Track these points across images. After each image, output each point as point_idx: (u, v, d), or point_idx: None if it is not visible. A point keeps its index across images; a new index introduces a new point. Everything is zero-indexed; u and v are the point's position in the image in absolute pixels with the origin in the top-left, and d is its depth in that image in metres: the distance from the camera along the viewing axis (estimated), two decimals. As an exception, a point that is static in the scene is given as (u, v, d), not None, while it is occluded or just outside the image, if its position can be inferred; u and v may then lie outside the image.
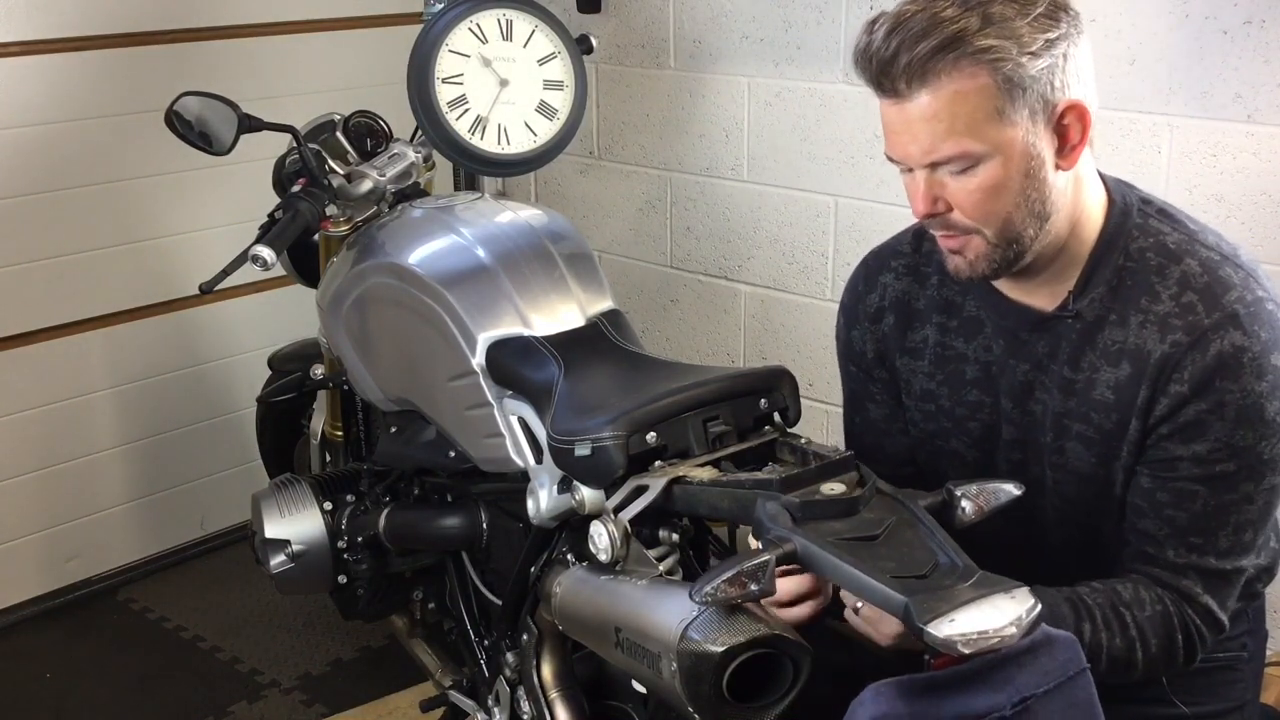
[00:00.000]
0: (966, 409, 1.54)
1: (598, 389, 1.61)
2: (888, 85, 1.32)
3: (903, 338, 1.58)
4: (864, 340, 1.62)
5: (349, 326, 2.09)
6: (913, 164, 1.36)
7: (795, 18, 2.85)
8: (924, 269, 1.57)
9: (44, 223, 2.81)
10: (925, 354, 1.57)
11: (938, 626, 1.07)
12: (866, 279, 1.63)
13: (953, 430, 1.56)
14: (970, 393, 1.54)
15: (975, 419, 1.54)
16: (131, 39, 2.84)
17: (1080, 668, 1.16)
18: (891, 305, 1.59)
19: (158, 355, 3.07)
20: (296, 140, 2.13)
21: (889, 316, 1.59)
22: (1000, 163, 1.32)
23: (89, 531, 3.03)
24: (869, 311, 1.61)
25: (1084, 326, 1.43)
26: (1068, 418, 1.45)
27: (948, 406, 1.56)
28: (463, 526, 1.97)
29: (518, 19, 2.28)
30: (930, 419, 1.58)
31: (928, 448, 1.60)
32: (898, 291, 1.59)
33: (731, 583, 1.17)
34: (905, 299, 1.58)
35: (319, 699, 2.63)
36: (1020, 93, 1.29)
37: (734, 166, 3.07)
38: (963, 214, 1.36)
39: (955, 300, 1.54)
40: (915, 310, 1.57)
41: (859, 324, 1.63)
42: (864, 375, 1.65)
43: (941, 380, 1.56)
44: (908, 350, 1.58)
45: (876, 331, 1.61)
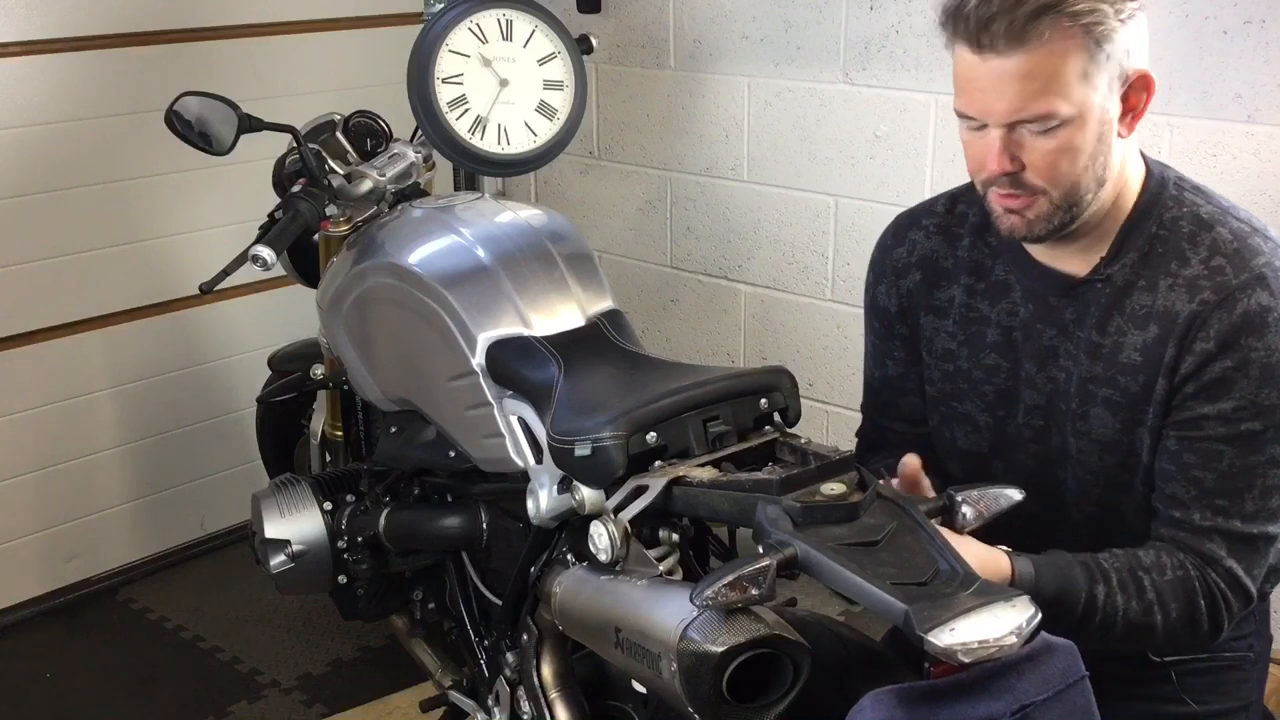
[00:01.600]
0: (984, 371, 1.55)
1: (598, 389, 1.61)
2: (985, 42, 1.32)
3: (929, 295, 1.60)
4: (889, 295, 1.63)
5: (349, 326, 2.09)
6: (993, 121, 1.36)
7: (795, 18, 2.85)
8: (955, 229, 1.58)
9: (44, 223, 2.81)
10: (950, 313, 1.58)
11: (938, 635, 1.07)
12: (896, 234, 1.64)
13: (968, 392, 1.57)
14: (989, 355, 1.55)
15: (991, 382, 1.55)
16: (131, 39, 2.84)
17: (1079, 675, 1.16)
18: (919, 262, 1.60)
19: (158, 355, 3.07)
20: (296, 140, 2.13)
21: (915, 273, 1.61)
22: (1079, 125, 1.34)
23: (89, 531, 3.03)
24: (896, 266, 1.62)
25: (1113, 291, 1.44)
26: (1094, 383, 1.46)
27: (965, 368, 1.57)
28: (463, 526, 1.97)
29: (518, 19, 2.28)
30: (947, 379, 1.59)
31: (941, 409, 1.61)
32: (926, 249, 1.60)
33: (732, 586, 1.18)
34: (933, 257, 1.59)
35: (319, 699, 2.63)
36: (1105, 57, 1.32)
37: (734, 166, 3.07)
38: (1035, 174, 1.37)
39: (985, 263, 1.55)
40: (943, 269, 1.59)
41: (885, 279, 1.64)
42: (885, 330, 1.66)
43: (963, 341, 1.57)
44: (933, 308, 1.59)
45: (901, 287, 1.62)
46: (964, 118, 1.40)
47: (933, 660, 1.09)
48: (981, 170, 1.41)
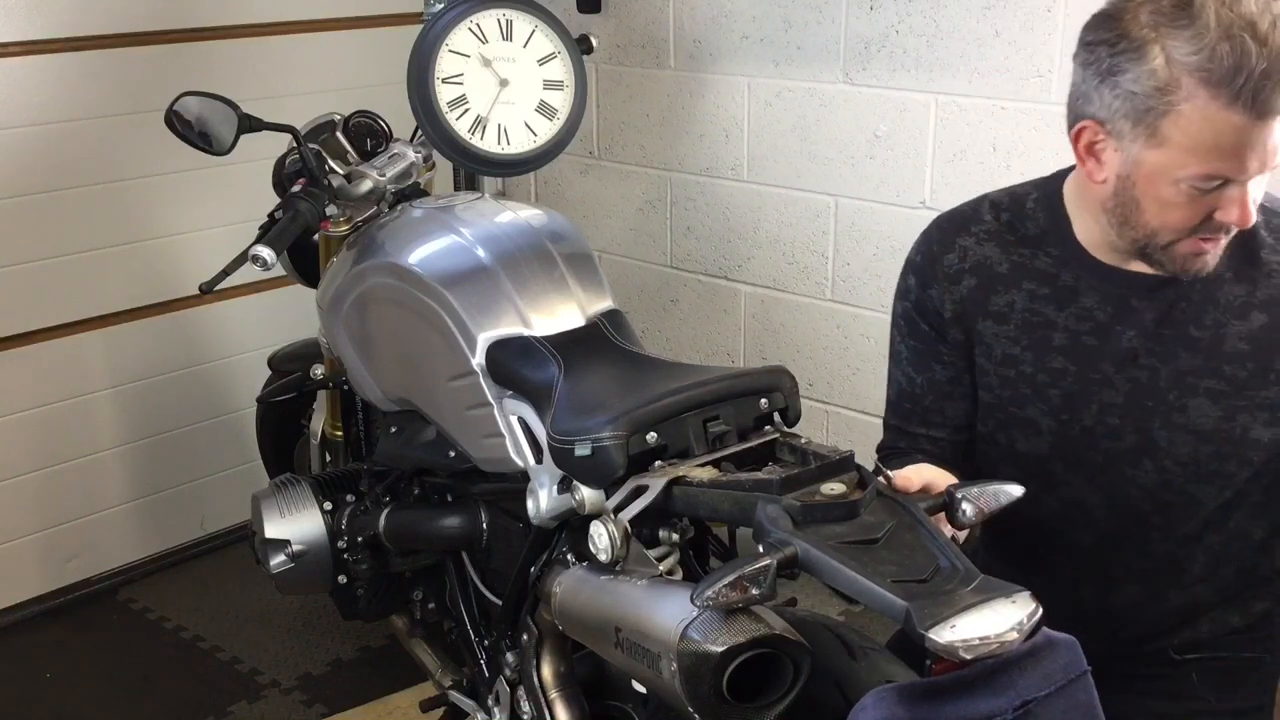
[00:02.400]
0: (1049, 376, 1.55)
1: (598, 389, 1.61)
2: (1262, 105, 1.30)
3: (986, 301, 1.58)
4: (941, 299, 1.61)
5: (349, 326, 2.09)
6: (1247, 177, 1.35)
7: (795, 18, 2.85)
8: (1007, 237, 1.58)
9: (44, 223, 2.81)
10: (1011, 319, 1.57)
11: (939, 632, 1.07)
12: (942, 240, 1.62)
13: (1031, 397, 1.56)
14: (1055, 359, 1.54)
15: (1057, 386, 1.54)
16: (131, 39, 2.84)
17: (1081, 670, 1.16)
18: (973, 268, 1.59)
19: (158, 355, 3.07)
20: (296, 140, 2.13)
21: (969, 279, 1.59)
22: None
23: (89, 531, 3.03)
24: (947, 272, 1.61)
25: (1203, 285, 1.46)
26: (1193, 375, 1.47)
27: (1029, 372, 1.56)
28: (463, 526, 1.97)
29: (518, 19, 2.28)
30: (1008, 384, 1.58)
31: (999, 414, 1.60)
32: (980, 256, 1.59)
33: (733, 586, 1.17)
34: (988, 263, 1.58)
35: (319, 699, 2.63)
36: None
37: (734, 166, 3.07)
38: None
39: (1048, 270, 1.55)
40: (999, 275, 1.58)
41: (936, 283, 1.61)
42: (935, 334, 1.64)
43: (1026, 346, 1.56)
44: (991, 314, 1.58)
45: (955, 292, 1.60)
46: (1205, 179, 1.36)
47: (934, 657, 1.09)
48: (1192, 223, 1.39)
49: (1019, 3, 2.47)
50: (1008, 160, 2.57)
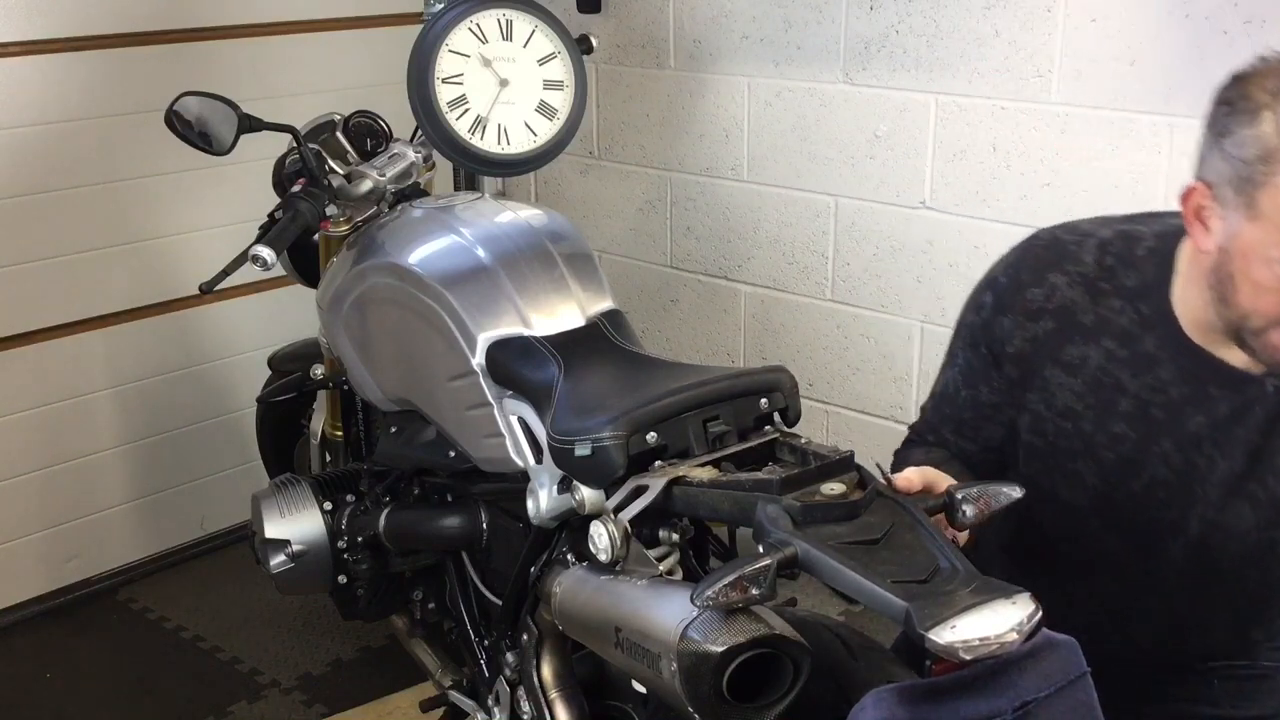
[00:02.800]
0: (1107, 439, 1.49)
1: (598, 389, 1.61)
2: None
3: (1059, 349, 1.51)
4: (1012, 331, 1.54)
5: (349, 326, 2.09)
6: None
7: (795, 18, 2.85)
8: (1102, 285, 1.49)
9: (44, 223, 2.81)
10: (1081, 373, 1.50)
11: (939, 633, 1.07)
12: (1034, 271, 1.53)
13: (1083, 453, 1.51)
14: (1117, 424, 1.48)
15: (1113, 451, 1.49)
16: (131, 39, 2.84)
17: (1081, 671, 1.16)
18: (1056, 311, 1.51)
19: (158, 355, 3.07)
20: (296, 140, 2.13)
21: (1048, 321, 1.51)
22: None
23: (89, 531, 3.03)
24: (1028, 307, 1.52)
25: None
26: (1244, 479, 1.42)
27: (1088, 430, 1.50)
28: (463, 526, 1.97)
29: (518, 19, 2.28)
30: (1063, 436, 1.52)
31: (1047, 461, 1.54)
32: (1066, 299, 1.50)
33: (733, 586, 1.17)
34: (1072, 310, 1.50)
35: (319, 699, 2.63)
36: None
37: (734, 166, 3.07)
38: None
39: (1132, 331, 1.47)
40: (1079, 324, 1.50)
41: (1011, 313, 1.53)
42: (991, 361, 1.57)
43: (1091, 404, 1.49)
44: (1062, 363, 1.51)
45: (1029, 330, 1.52)
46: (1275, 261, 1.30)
47: (934, 658, 1.09)
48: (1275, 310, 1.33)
49: (1019, 3, 2.47)
50: (1008, 160, 2.57)
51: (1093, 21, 2.40)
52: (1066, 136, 2.47)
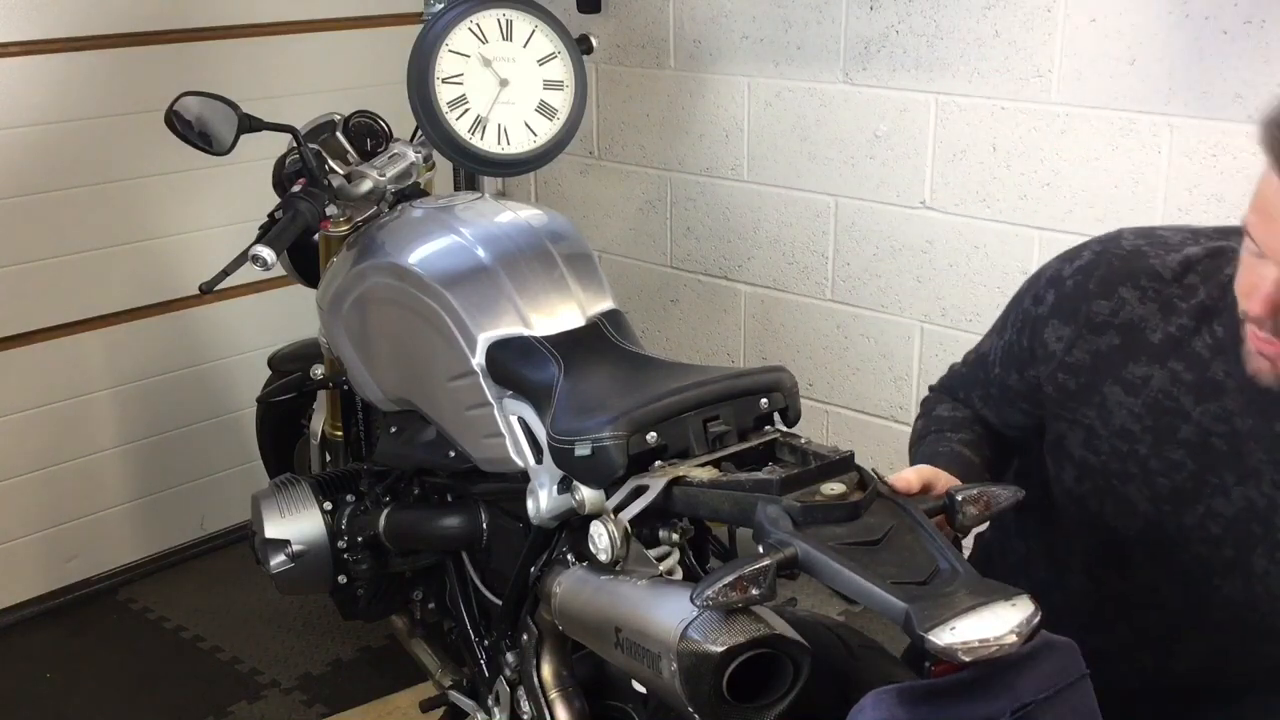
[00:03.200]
0: (1164, 465, 1.41)
1: (598, 389, 1.61)
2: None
3: (1122, 366, 1.42)
4: (1070, 342, 1.45)
5: (349, 326, 2.09)
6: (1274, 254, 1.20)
7: (795, 18, 2.85)
8: (1177, 302, 1.39)
9: (44, 223, 2.81)
10: (1142, 393, 1.41)
11: (938, 634, 1.07)
12: (1103, 282, 1.43)
13: (1138, 477, 1.43)
14: (1176, 452, 1.40)
15: (1169, 477, 1.41)
16: (131, 39, 2.85)
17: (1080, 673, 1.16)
18: (1123, 326, 1.42)
19: (158, 355, 3.07)
20: (296, 140, 2.13)
21: (1113, 336, 1.42)
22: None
23: (89, 531, 3.03)
24: (1092, 319, 1.43)
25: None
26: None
27: (1143, 455, 1.42)
28: (463, 526, 1.97)
29: (518, 19, 2.28)
30: (1117, 457, 1.44)
31: (1099, 480, 1.46)
32: (1135, 315, 1.41)
33: (733, 587, 1.18)
34: (1140, 326, 1.41)
35: (319, 699, 2.63)
36: None
37: (734, 166, 3.07)
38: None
39: (1201, 354, 1.37)
40: (1146, 343, 1.40)
41: (1073, 322, 1.45)
42: (1032, 357, 1.50)
43: (1149, 427, 1.41)
44: (1124, 382, 1.42)
45: (1090, 344, 1.44)
46: (1248, 238, 1.25)
47: (933, 659, 1.09)
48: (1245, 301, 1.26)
49: (1019, 3, 2.47)
50: (1008, 160, 2.57)
51: (1093, 21, 2.40)
52: (1066, 136, 2.47)
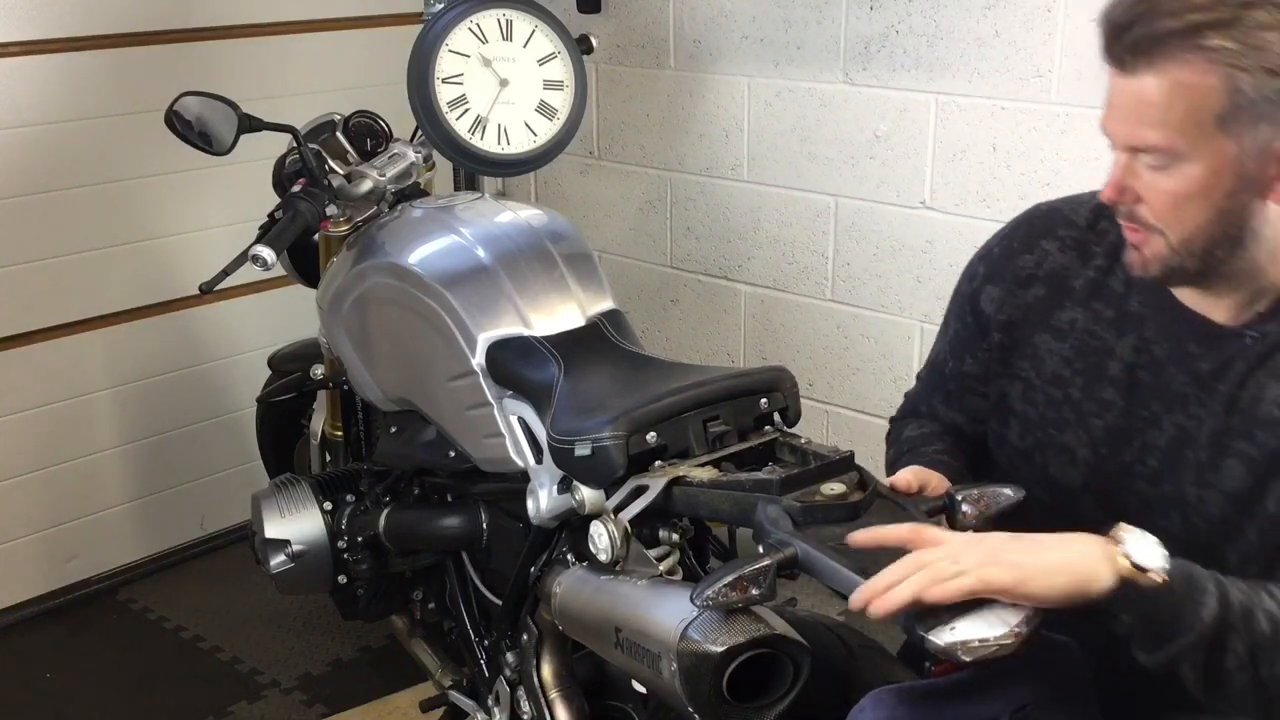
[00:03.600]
0: (1096, 405, 1.45)
1: (598, 389, 1.61)
2: (1114, 54, 1.25)
3: (1049, 314, 1.48)
4: (1000, 300, 1.52)
5: (349, 326, 2.09)
6: (1115, 143, 1.29)
7: (795, 18, 2.85)
8: (1093, 247, 1.47)
9: (44, 223, 2.81)
10: (1069, 337, 1.47)
11: (938, 634, 1.07)
12: (1026, 239, 1.51)
13: (1073, 423, 1.47)
14: (1106, 390, 1.44)
15: (1101, 418, 1.44)
16: (131, 39, 2.84)
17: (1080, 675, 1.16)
18: (1046, 276, 1.48)
19: (158, 355, 3.07)
20: (296, 140, 2.13)
21: (1038, 287, 1.49)
22: (1203, 172, 1.24)
23: (89, 531, 3.03)
24: (1019, 275, 1.50)
25: (1262, 349, 1.34)
26: (1228, 435, 1.37)
27: (1076, 398, 1.46)
28: (463, 526, 1.97)
29: (518, 19, 2.28)
30: (1052, 405, 1.48)
31: (1038, 433, 1.50)
32: (1057, 264, 1.48)
33: (733, 587, 1.18)
34: (1063, 274, 1.48)
35: (319, 699, 2.63)
36: (1249, 108, 1.20)
37: (734, 166, 3.07)
38: (1149, 211, 1.29)
39: (1117, 289, 1.44)
40: (1069, 289, 1.47)
41: (1001, 281, 1.52)
42: (977, 331, 1.56)
43: (1079, 369, 1.46)
44: (1051, 328, 1.48)
45: (1019, 298, 1.50)
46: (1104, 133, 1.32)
47: (934, 659, 1.10)
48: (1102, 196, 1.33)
49: (1019, 3, 2.47)
50: (1008, 160, 2.57)
51: (1092, 21, 2.39)
52: (1066, 136, 2.47)
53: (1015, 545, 1.15)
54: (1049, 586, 1.11)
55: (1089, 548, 1.15)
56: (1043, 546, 1.14)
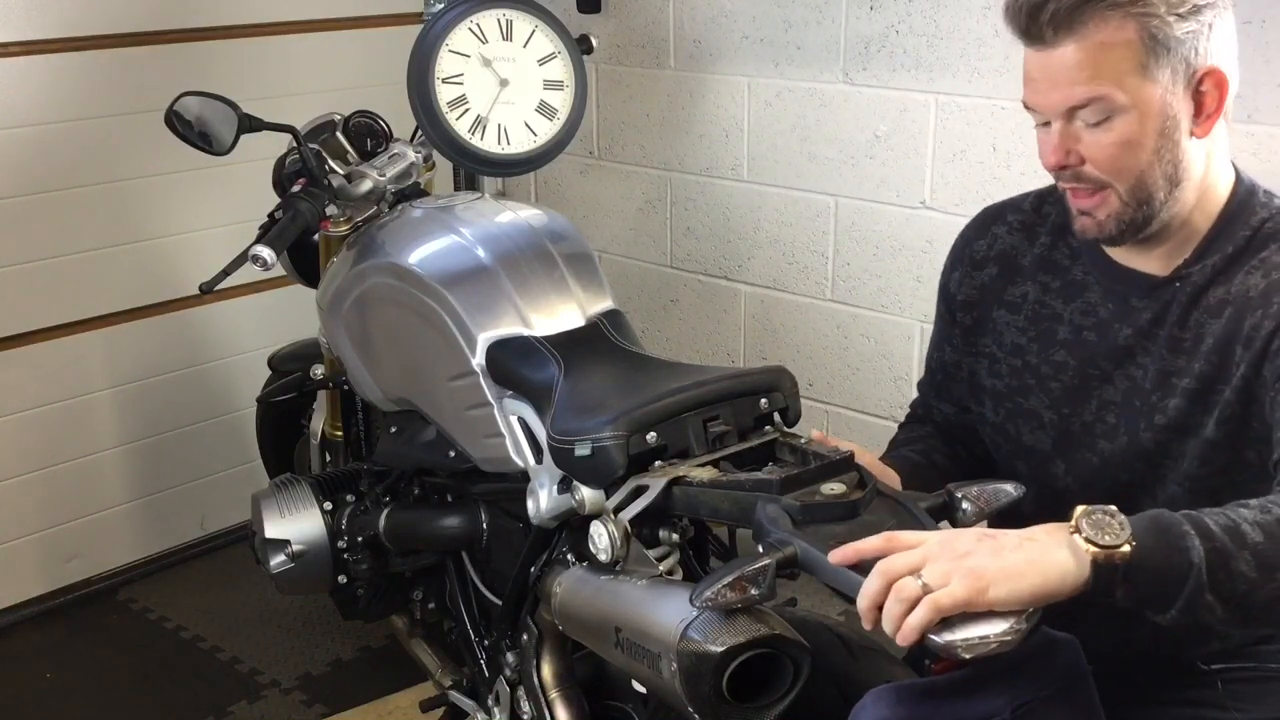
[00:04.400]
0: (1051, 368, 1.56)
1: (598, 389, 1.61)
2: (1035, 32, 1.36)
3: (1003, 290, 1.61)
4: (960, 284, 1.65)
5: (349, 326, 2.09)
6: (1050, 113, 1.39)
7: (795, 18, 2.85)
8: (1037, 227, 1.60)
9: (44, 223, 2.81)
10: (1023, 310, 1.59)
11: (938, 631, 1.07)
12: (980, 226, 1.66)
13: (1035, 388, 1.58)
14: (1057, 353, 1.55)
15: (1058, 379, 1.55)
16: (131, 39, 2.85)
17: (1081, 671, 1.16)
18: (997, 257, 1.62)
19: (158, 355, 3.07)
20: (296, 140, 2.13)
21: (991, 267, 1.62)
22: (1137, 118, 1.35)
23: (89, 531, 3.03)
24: (974, 257, 1.65)
25: (1193, 289, 1.44)
26: (1176, 375, 1.45)
27: (1034, 364, 1.57)
28: (463, 526, 1.97)
29: (518, 19, 2.28)
30: (1015, 374, 1.60)
31: (1008, 404, 1.61)
32: (1006, 245, 1.62)
33: (732, 587, 1.18)
34: (1012, 254, 1.61)
35: (319, 699, 2.63)
36: (1164, 51, 1.33)
37: (734, 166, 3.07)
38: (1095, 167, 1.39)
39: (1062, 262, 1.57)
40: (1019, 266, 1.60)
41: (960, 267, 1.66)
42: (949, 316, 1.69)
43: (1033, 337, 1.58)
44: (1006, 304, 1.61)
45: (975, 279, 1.64)
46: (1030, 112, 1.42)
47: (934, 657, 1.10)
48: (1042, 164, 1.43)
49: (1019, 3, 2.47)
50: (1008, 160, 2.57)
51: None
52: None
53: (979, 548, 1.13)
54: (1015, 590, 1.10)
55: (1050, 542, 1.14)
56: (1004, 548, 1.13)
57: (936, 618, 1.08)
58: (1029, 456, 1.61)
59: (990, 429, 1.65)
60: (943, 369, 1.72)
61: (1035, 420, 1.59)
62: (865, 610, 1.14)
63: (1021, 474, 1.61)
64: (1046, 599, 1.11)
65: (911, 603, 1.10)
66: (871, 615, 1.13)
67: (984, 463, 1.70)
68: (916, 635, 1.09)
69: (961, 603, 1.08)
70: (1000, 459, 1.66)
